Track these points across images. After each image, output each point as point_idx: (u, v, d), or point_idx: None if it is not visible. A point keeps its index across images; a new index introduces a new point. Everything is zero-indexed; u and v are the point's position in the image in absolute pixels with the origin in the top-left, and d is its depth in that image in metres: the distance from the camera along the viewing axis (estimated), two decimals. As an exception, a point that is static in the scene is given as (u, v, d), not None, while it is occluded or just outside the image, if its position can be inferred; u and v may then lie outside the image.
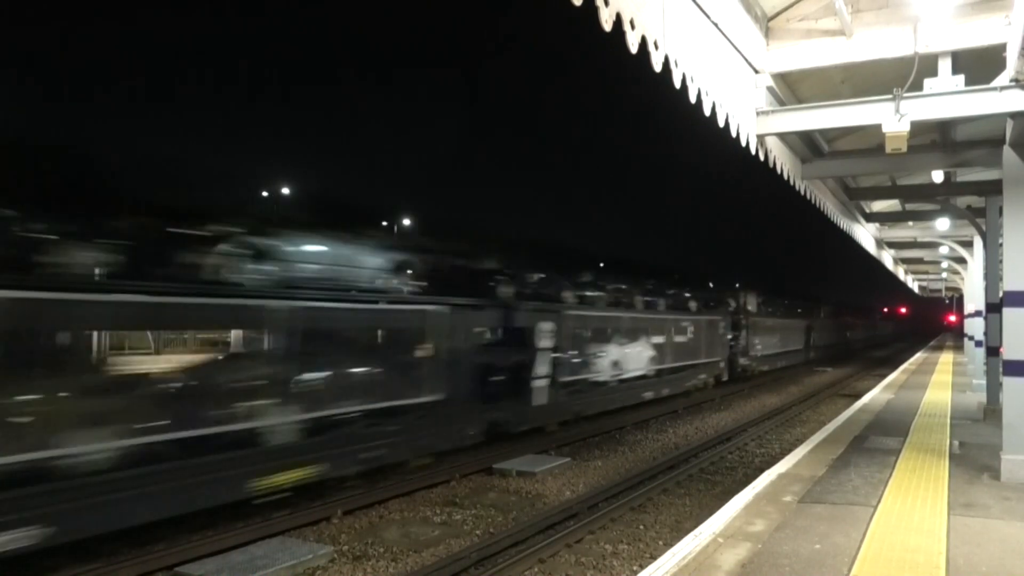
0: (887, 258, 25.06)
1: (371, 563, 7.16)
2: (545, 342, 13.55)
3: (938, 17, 7.27)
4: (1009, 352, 7.66)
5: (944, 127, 9.57)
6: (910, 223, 19.45)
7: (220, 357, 9.08)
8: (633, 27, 4.99)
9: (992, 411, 11.56)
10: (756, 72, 7.96)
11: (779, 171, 9.66)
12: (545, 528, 8.14)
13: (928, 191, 13.63)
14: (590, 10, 4.52)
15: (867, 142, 10.79)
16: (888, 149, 7.61)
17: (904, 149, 7.59)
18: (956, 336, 49.12)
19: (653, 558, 6.16)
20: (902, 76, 7.45)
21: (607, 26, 4.65)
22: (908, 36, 7.41)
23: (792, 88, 9.11)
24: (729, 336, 25.13)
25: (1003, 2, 6.83)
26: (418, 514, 8.83)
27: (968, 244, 19.70)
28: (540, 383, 13.35)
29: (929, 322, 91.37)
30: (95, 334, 7.31)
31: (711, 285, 26.31)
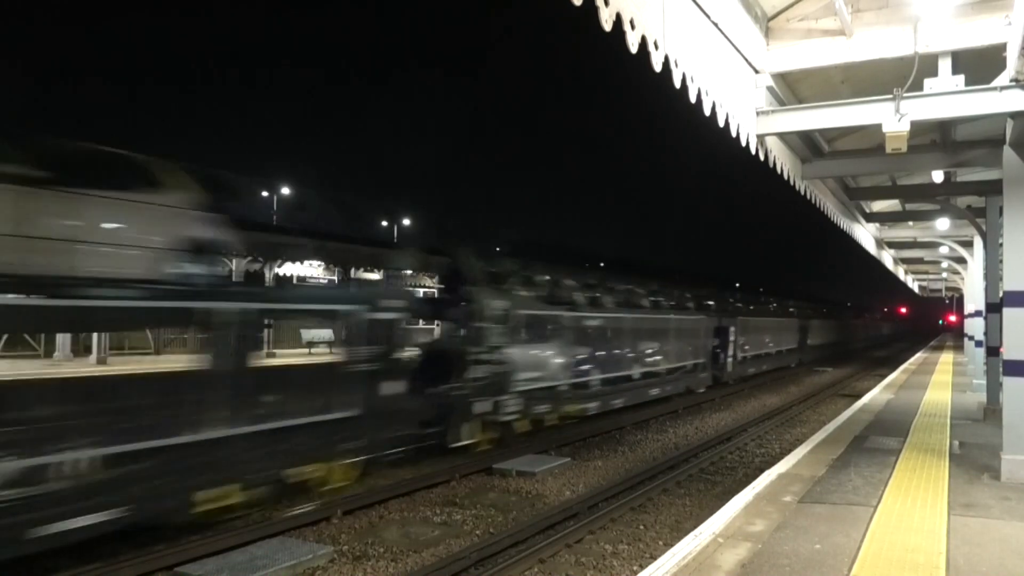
0: (887, 258, 25.04)
1: (371, 563, 7.15)
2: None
3: (938, 17, 7.26)
4: (1009, 352, 7.66)
5: (944, 127, 9.57)
6: (910, 223, 19.45)
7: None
8: (633, 27, 4.99)
9: (992, 411, 11.56)
10: (756, 72, 7.96)
11: (779, 171, 9.66)
12: (545, 528, 8.14)
13: (928, 191, 13.63)
14: (590, 10, 4.52)
15: (867, 142, 10.79)
16: (888, 149, 7.62)
17: (904, 149, 7.60)
18: (956, 336, 49.13)
19: (653, 558, 6.17)
20: (902, 76, 7.44)
21: (607, 26, 4.65)
22: (908, 36, 7.41)
23: (792, 88, 9.11)
24: (714, 338, 23.43)
25: (1003, 2, 6.83)
26: (418, 514, 8.83)
27: (968, 244, 19.69)
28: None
29: (929, 322, 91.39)
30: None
31: (694, 283, 24.79)
